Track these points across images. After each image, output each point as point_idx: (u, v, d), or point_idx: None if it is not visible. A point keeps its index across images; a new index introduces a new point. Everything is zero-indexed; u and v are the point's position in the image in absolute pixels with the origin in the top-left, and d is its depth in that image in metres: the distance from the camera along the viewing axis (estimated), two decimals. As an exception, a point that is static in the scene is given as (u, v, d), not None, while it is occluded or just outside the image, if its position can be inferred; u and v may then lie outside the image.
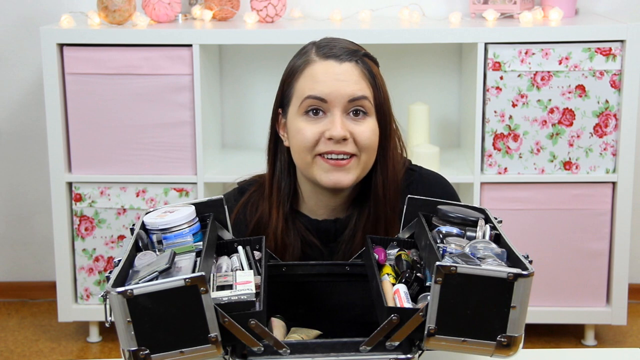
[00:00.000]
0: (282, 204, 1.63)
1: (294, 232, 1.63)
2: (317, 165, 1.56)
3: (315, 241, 1.63)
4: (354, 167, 1.56)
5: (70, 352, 3.02)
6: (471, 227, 1.40)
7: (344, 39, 1.63)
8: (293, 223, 1.63)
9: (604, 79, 2.77)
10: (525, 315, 1.21)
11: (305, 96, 1.55)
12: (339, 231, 1.64)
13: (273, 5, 2.95)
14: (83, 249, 2.96)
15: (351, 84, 1.55)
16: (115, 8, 2.83)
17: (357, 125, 1.55)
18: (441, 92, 3.23)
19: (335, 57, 1.56)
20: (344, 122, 1.54)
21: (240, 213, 1.67)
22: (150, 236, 1.40)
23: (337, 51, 1.57)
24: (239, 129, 3.29)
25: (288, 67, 1.62)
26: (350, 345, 1.25)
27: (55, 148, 2.87)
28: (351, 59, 1.56)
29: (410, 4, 3.11)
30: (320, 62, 1.56)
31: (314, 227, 1.64)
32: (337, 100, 1.54)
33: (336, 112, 1.54)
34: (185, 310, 1.17)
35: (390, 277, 1.38)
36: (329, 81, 1.54)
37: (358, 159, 1.56)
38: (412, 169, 1.71)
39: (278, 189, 1.64)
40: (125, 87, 2.83)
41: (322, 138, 1.54)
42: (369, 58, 1.61)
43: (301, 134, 1.55)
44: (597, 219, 2.86)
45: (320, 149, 1.55)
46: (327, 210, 1.65)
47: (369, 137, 1.55)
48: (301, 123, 1.56)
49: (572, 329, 3.11)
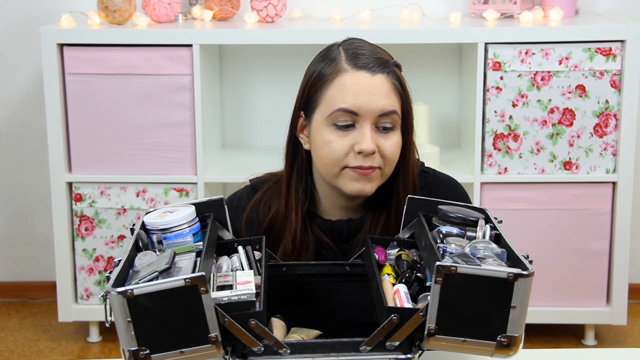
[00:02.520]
0: (300, 205, 1.63)
1: (311, 233, 1.63)
2: (344, 176, 1.56)
3: (329, 242, 1.63)
4: (377, 178, 1.57)
5: (71, 352, 3.02)
6: (471, 227, 1.40)
7: (369, 44, 1.62)
8: (310, 225, 1.64)
9: (604, 79, 2.77)
10: (525, 315, 1.21)
11: (337, 108, 1.53)
12: (352, 231, 1.65)
13: (273, 5, 2.95)
14: (83, 249, 2.96)
15: (382, 97, 1.53)
16: (115, 8, 2.83)
17: (384, 140, 1.55)
18: (441, 92, 3.23)
19: (368, 69, 1.54)
20: (373, 136, 1.54)
21: (253, 211, 1.67)
22: (151, 236, 1.40)
23: (369, 61, 1.55)
24: (239, 129, 3.29)
25: (313, 70, 1.59)
26: (350, 345, 1.25)
27: (55, 148, 2.87)
28: (383, 71, 1.55)
29: (410, 4, 3.11)
30: (353, 73, 1.54)
31: (328, 227, 1.65)
32: (369, 114, 1.53)
33: (366, 125, 1.53)
34: (186, 310, 1.17)
35: (390, 277, 1.38)
36: (361, 94, 1.53)
37: (381, 171, 1.57)
38: (426, 172, 1.72)
39: (296, 190, 1.64)
40: (125, 87, 2.83)
41: (351, 152, 1.54)
42: (397, 66, 1.60)
43: (330, 147, 1.55)
44: (597, 219, 2.86)
45: (350, 163, 1.54)
46: (342, 211, 1.65)
47: (394, 152, 1.57)
48: (330, 135, 1.55)
49: (572, 329, 3.11)
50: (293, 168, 1.65)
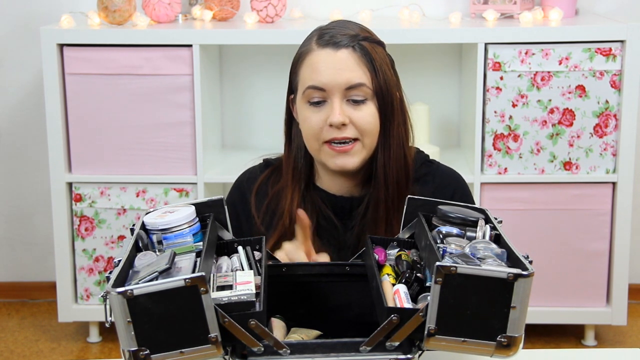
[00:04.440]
0: (298, 180, 1.69)
1: (311, 206, 1.68)
2: (324, 152, 1.62)
3: (330, 215, 1.68)
4: (358, 151, 1.62)
5: (71, 352, 3.02)
6: (471, 227, 1.40)
7: (351, 22, 1.66)
8: (310, 197, 1.69)
9: (604, 79, 2.77)
10: (525, 316, 1.21)
11: (307, 86, 1.61)
12: (354, 208, 1.68)
13: (273, 5, 2.95)
14: (83, 249, 2.96)
15: (347, 71, 1.58)
16: (115, 8, 2.83)
17: (357, 111, 1.60)
18: (441, 92, 3.24)
19: (332, 45, 1.59)
20: (342, 109, 1.59)
21: (263, 183, 1.73)
22: (151, 236, 1.40)
23: (336, 38, 1.60)
24: (239, 129, 3.29)
25: (296, 53, 1.67)
26: (350, 345, 1.25)
27: (55, 148, 2.87)
28: (348, 45, 1.59)
29: (410, 4, 3.11)
30: (318, 51, 1.61)
31: (330, 201, 1.70)
32: (335, 88, 1.59)
33: (335, 99, 1.59)
34: (185, 310, 1.17)
35: (390, 277, 1.38)
36: (325, 70, 1.59)
37: (361, 143, 1.61)
38: (430, 162, 1.76)
39: (294, 167, 1.70)
40: (125, 87, 2.83)
41: (325, 125, 1.60)
42: (370, 41, 1.62)
43: (307, 123, 1.62)
44: (597, 219, 2.86)
45: (325, 136, 1.60)
46: (342, 188, 1.70)
47: (369, 122, 1.60)
48: (306, 112, 1.62)
49: (572, 329, 3.11)
50: (291, 147, 1.71)
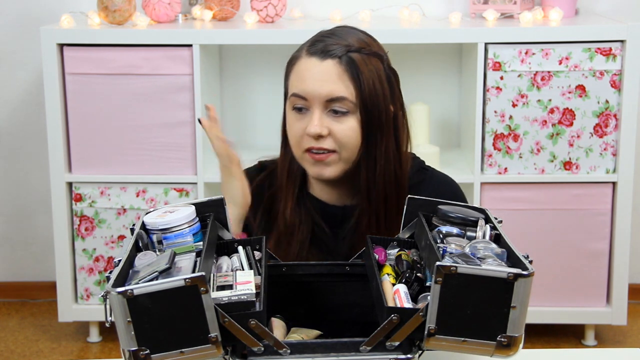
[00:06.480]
0: (292, 183, 1.69)
1: (304, 213, 1.67)
2: (305, 159, 1.62)
3: (322, 223, 1.67)
4: (334, 162, 1.60)
5: (71, 352, 3.02)
6: (471, 227, 1.40)
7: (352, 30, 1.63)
8: (304, 203, 1.68)
9: (604, 79, 2.77)
10: (525, 315, 1.21)
11: (291, 93, 1.60)
12: (346, 218, 1.67)
13: (273, 5, 2.95)
14: (83, 249, 2.96)
15: (329, 83, 1.56)
16: (115, 8, 2.83)
17: (337, 123, 1.58)
18: (441, 92, 3.23)
19: (320, 54, 1.57)
20: (322, 120, 1.57)
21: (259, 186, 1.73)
22: (151, 236, 1.40)
23: (327, 47, 1.57)
24: (239, 129, 3.29)
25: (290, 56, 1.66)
26: (350, 345, 1.25)
27: (55, 148, 2.87)
28: (334, 57, 1.56)
29: (410, 4, 3.11)
30: (306, 59, 1.59)
31: (322, 210, 1.69)
32: (316, 99, 1.57)
33: (315, 110, 1.58)
34: (186, 310, 1.17)
35: (390, 277, 1.38)
36: (309, 79, 1.57)
37: (339, 155, 1.60)
38: (425, 169, 1.74)
39: (289, 170, 1.69)
40: (125, 87, 2.83)
41: (304, 134, 1.59)
42: (364, 53, 1.58)
43: (291, 130, 1.62)
44: (597, 219, 2.86)
45: (304, 145, 1.60)
46: (333, 196, 1.69)
47: (348, 135, 1.58)
48: (291, 118, 1.62)
49: (572, 329, 3.11)
50: (287, 150, 1.70)
